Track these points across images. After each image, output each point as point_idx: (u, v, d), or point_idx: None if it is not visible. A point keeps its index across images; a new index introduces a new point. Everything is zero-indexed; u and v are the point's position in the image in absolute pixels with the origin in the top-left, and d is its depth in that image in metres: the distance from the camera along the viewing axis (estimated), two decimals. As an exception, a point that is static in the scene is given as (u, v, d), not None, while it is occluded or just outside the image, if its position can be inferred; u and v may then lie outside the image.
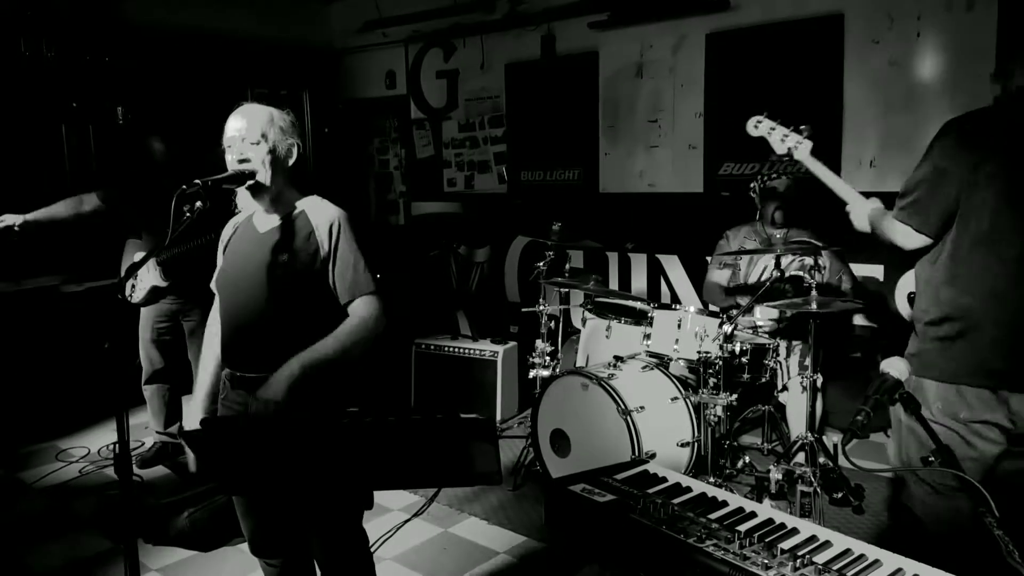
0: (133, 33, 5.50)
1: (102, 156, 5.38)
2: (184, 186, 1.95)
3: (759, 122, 2.80)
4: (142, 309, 4.21)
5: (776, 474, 3.41)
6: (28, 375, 5.06)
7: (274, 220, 2.19)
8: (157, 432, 4.37)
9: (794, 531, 1.73)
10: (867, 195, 2.56)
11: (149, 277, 4.07)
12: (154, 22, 5.60)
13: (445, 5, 5.92)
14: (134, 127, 5.48)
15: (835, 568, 1.54)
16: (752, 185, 3.99)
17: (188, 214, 1.94)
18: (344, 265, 2.12)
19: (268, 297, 2.10)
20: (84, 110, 5.26)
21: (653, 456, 3.32)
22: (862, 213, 2.48)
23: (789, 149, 2.67)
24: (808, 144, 2.67)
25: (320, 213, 2.17)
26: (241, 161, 2.08)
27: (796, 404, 3.77)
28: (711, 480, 3.34)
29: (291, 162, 2.17)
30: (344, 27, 6.75)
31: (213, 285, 2.32)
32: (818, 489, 3.29)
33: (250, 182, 2.10)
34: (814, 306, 3.24)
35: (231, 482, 1.75)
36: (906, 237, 2.26)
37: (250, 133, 2.09)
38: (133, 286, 4.17)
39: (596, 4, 5.24)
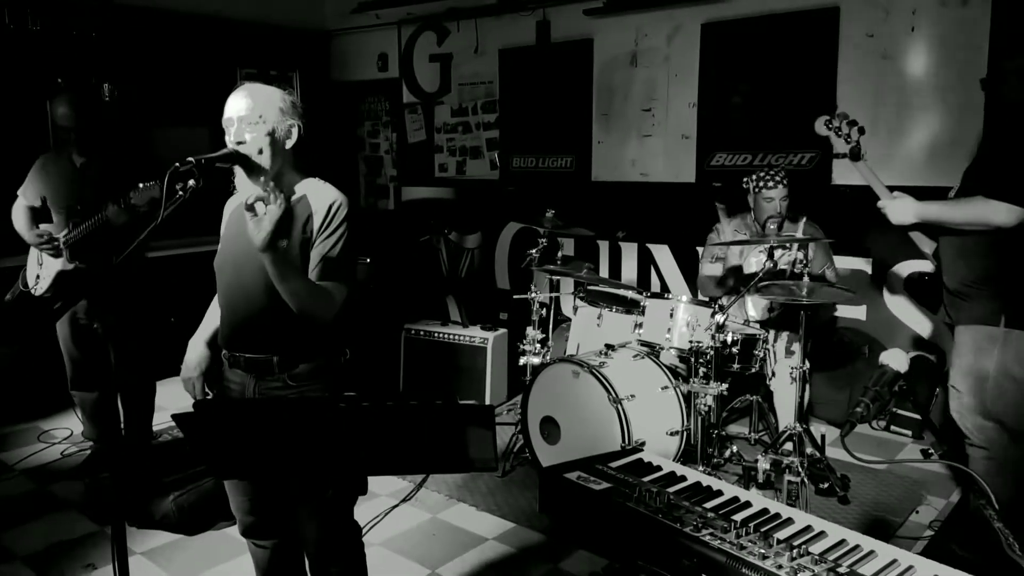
0: (121, 10, 5.39)
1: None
2: (177, 163, 1.91)
3: (828, 121, 3.12)
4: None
5: (764, 464, 3.43)
6: (9, 355, 5.00)
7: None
8: (87, 439, 4.19)
9: (789, 521, 1.73)
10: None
11: (55, 262, 3.78)
12: (143, 0, 5.51)
13: (440, -12, 5.86)
14: (121, 105, 5.38)
15: (831, 558, 1.54)
16: (745, 180, 3.95)
17: (181, 192, 1.91)
18: (321, 247, 2.10)
19: (267, 283, 2.08)
20: (70, 86, 5.16)
21: (643, 444, 3.32)
22: (909, 208, 2.83)
23: (850, 150, 3.04)
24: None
25: (321, 198, 2.14)
26: (239, 142, 2.04)
27: (783, 394, 3.79)
28: (700, 469, 3.35)
29: (290, 144, 2.14)
30: (336, 8, 6.66)
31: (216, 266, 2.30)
32: (805, 479, 3.31)
33: (244, 161, 2.07)
34: (804, 292, 3.25)
35: (224, 466, 1.73)
36: (1009, 214, 2.58)
37: (249, 113, 2.05)
38: (38, 277, 3.87)
39: (592, -10, 5.21)
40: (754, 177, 3.90)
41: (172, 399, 4.49)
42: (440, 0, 5.93)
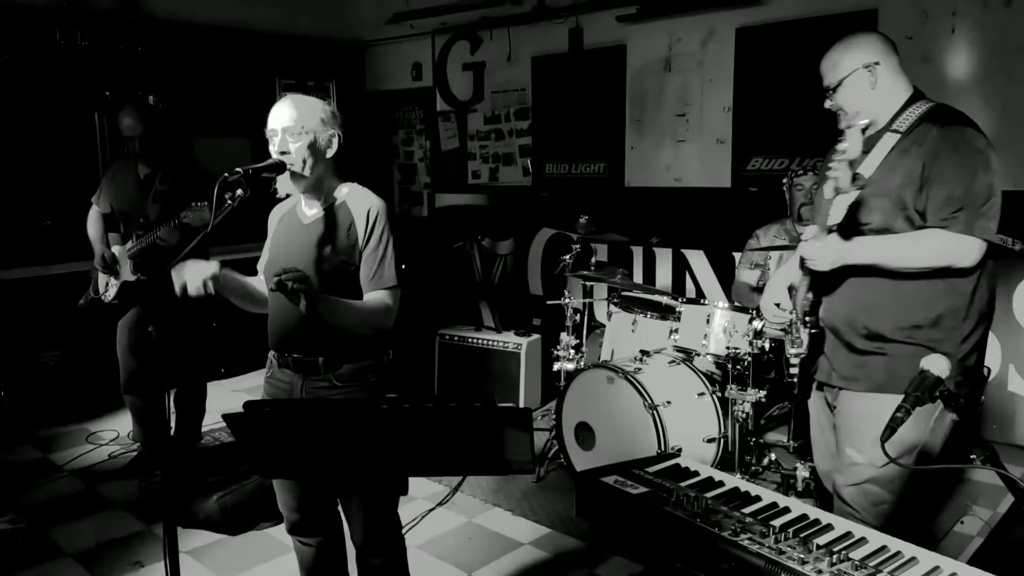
0: (165, 26, 5.55)
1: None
2: (226, 174, 1.99)
3: None
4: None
5: (803, 471, 3.40)
6: (60, 358, 5.15)
7: (317, 211, 2.24)
8: (135, 440, 4.29)
9: (828, 527, 1.72)
10: None
11: (123, 272, 3.96)
12: (185, 15, 5.66)
13: (473, -2, 5.92)
14: (165, 116, 5.53)
15: (871, 564, 1.53)
16: (784, 181, 3.99)
17: (230, 201, 1.98)
18: (373, 255, 2.18)
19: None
20: (117, 98, 5.32)
21: (679, 451, 3.31)
22: (831, 249, 2.10)
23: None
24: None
25: (360, 204, 2.22)
26: (282, 152, 2.12)
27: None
28: (738, 476, 3.33)
29: (331, 153, 2.22)
30: (372, 19, 6.76)
31: (260, 269, 2.38)
32: (844, 487, 3.27)
33: (288, 170, 2.14)
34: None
35: (271, 465, 1.78)
36: (980, 252, 2.09)
37: (292, 124, 2.13)
38: (107, 284, 4.04)
39: (625, -3, 5.23)
40: (789, 173, 4.01)
41: (217, 401, 4.60)
42: (473, 9, 5.99)
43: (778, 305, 2.41)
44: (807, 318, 2.32)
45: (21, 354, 4.99)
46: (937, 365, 1.63)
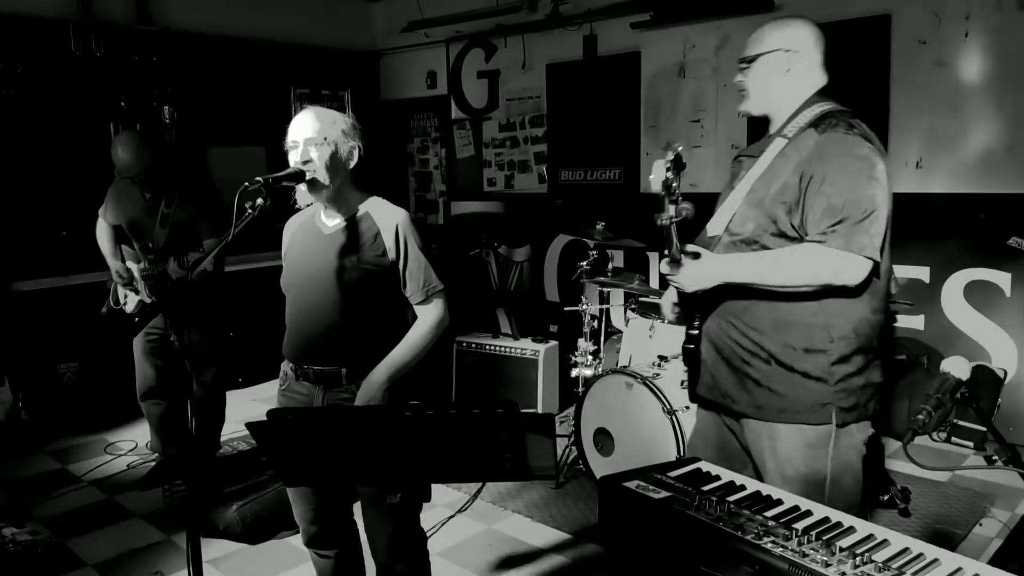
0: (180, 36, 5.61)
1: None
2: (247, 183, 2.01)
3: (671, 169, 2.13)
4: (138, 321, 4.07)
5: (822, 476, 3.38)
6: (77, 369, 5.19)
7: (338, 221, 2.25)
8: (154, 450, 4.31)
9: (851, 530, 1.72)
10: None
11: (140, 291, 3.97)
12: (200, 26, 5.71)
13: (488, 6, 5.94)
14: (180, 127, 5.58)
15: (895, 566, 1.53)
16: None
17: (250, 211, 2.00)
18: (416, 266, 2.21)
19: (337, 297, 2.17)
20: (132, 109, 5.37)
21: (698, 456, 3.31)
22: (708, 270, 2.09)
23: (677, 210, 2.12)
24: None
25: (385, 215, 2.24)
26: (304, 162, 2.14)
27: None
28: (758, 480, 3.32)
29: (352, 164, 2.23)
30: (386, 27, 6.82)
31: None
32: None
33: (309, 180, 2.16)
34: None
35: (294, 473, 1.79)
36: (863, 269, 1.93)
37: (314, 135, 2.15)
38: (126, 296, 4.06)
39: (639, 4, 5.23)
40: None
41: (235, 410, 4.64)
42: (488, 17, 6.01)
43: (676, 304, 2.40)
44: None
45: (38, 365, 5.03)
46: (958, 367, 1.63)
